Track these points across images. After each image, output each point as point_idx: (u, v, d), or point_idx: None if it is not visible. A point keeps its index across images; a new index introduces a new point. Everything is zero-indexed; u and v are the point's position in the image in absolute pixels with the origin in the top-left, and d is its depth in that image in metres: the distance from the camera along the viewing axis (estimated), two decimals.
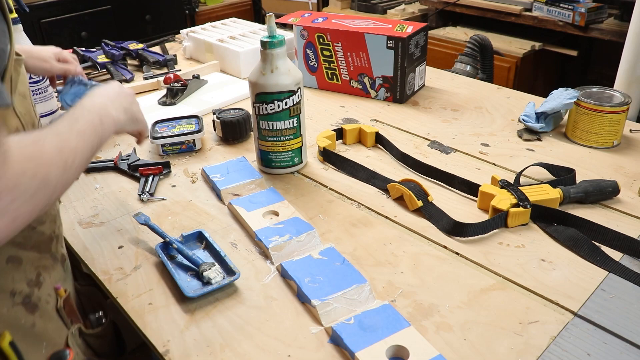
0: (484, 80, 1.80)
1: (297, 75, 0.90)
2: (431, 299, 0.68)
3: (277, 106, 0.90)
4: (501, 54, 2.41)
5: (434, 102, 1.26)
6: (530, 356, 0.59)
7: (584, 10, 2.20)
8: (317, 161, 1.02)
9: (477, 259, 0.75)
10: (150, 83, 1.37)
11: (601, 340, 0.61)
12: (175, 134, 1.05)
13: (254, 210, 0.84)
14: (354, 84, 1.29)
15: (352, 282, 0.68)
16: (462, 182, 0.90)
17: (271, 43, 0.87)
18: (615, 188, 0.86)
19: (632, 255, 0.75)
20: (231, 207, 0.87)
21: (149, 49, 1.58)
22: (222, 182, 0.92)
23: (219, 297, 0.70)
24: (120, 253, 0.78)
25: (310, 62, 1.32)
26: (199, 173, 0.99)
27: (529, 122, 1.08)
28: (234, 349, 0.62)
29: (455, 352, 0.60)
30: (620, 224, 0.81)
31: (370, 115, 1.21)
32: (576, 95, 1.04)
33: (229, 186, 0.91)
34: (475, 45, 1.89)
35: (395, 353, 0.60)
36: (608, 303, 0.66)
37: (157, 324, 0.66)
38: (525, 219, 0.81)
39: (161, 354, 0.62)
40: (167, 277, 0.73)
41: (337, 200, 0.90)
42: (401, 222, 0.83)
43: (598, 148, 1.03)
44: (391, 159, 1.02)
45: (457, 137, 1.09)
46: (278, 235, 0.78)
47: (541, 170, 0.94)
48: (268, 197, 0.88)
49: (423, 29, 1.25)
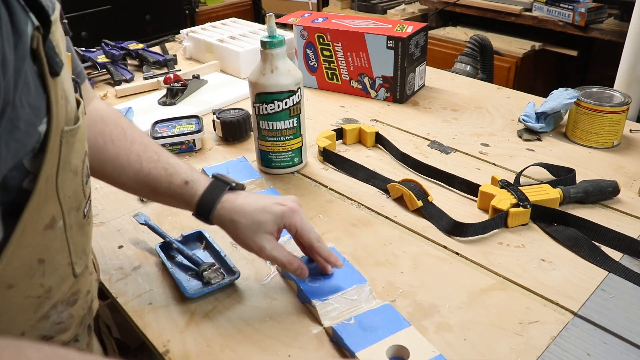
0: (484, 80, 1.80)
1: (297, 75, 0.90)
2: (431, 299, 0.68)
3: (277, 106, 0.90)
4: (501, 54, 2.41)
5: (434, 102, 1.26)
6: (530, 356, 0.59)
7: (584, 10, 2.20)
8: (317, 161, 1.02)
9: (477, 259, 0.75)
10: (150, 83, 1.37)
11: (601, 340, 0.61)
12: (175, 134, 1.05)
13: None
14: (354, 84, 1.29)
15: (352, 283, 0.68)
16: (462, 182, 0.90)
17: (271, 43, 0.87)
18: (615, 188, 0.86)
19: (632, 255, 0.75)
20: None
21: (149, 49, 1.58)
22: None
23: (219, 297, 0.70)
24: (120, 253, 0.78)
25: (310, 62, 1.32)
26: None
27: (529, 122, 1.08)
28: (234, 349, 0.62)
29: (455, 352, 0.60)
30: (620, 224, 0.81)
31: (370, 115, 1.21)
32: (576, 95, 1.04)
33: None
34: (475, 45, 1.89)
35: (396, 353, 0.60)
36: (608, 303, 0.66)
37: (157, 324, 0.66)
38: (525, 219, 0.81)
39: (161, 354, 0.62)
40: (167, 277, 0.73)
41: (337, 200, 0.90)
42: (401, 222, 0.83)
43: (598, 148, 1.03)
44: (391, 159, 1.02)
45: (457, 137, 1.09)
46: None
47: (541, 170, 0.94)
48: None
49: (423, 29, 1.25)
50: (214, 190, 0.65)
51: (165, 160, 0.68)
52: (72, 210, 0.48)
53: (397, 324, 0.62)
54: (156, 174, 0.67)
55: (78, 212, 0.50)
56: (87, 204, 0.53)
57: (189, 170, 0.68)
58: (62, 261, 0.48)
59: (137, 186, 0.69)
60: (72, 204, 0.48)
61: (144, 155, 0.68)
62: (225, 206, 0.64)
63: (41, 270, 0.46)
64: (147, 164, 0.67)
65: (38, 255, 0.45)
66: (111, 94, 1.36)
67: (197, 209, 0.66)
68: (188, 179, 0.66)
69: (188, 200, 0.66)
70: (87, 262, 0.55)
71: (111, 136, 0.68)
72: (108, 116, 0.70)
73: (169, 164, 0.67)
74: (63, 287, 0.49)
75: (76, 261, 0.51)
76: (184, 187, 0.66)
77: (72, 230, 0.49)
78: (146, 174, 0.67)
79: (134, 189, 0.71)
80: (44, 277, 0.46)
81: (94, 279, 0.60)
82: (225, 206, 0.64)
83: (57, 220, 0.46)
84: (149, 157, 0.67)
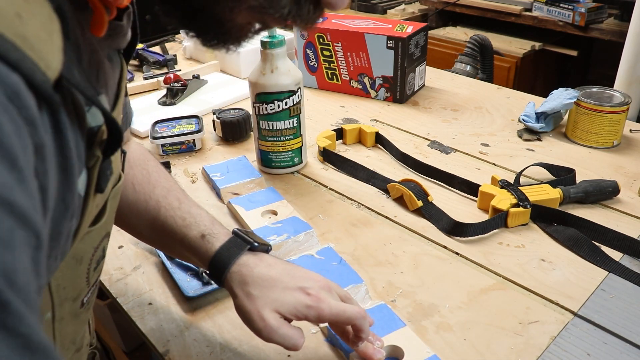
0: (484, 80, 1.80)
1: (297, 75, 0.90)
2: (431, 299, 0.68)
3: (277, 106, 0.90)
4: (501, 54, 2.41)
5: (434, 102, 1.26)
6: (530, 356, 0.59)
7: (584, 10, 2.20)
8: (317, 161, 1.02)
9: (477, 259, 0.75)
10: (150, 83, 1.37)
11: (601, 340, 0.61)
12: (175, 134, 1.05)
13: (253, 210, 0.84)
14: (354, 84, 1.29)
15: (348, 282, 0.68)
16: (462, 182, 0.90)
17: (271, 43, 0.87)
18: (615, 188, 0.86)
19: (632, 255, 0.75)
20: (230, 206, 0.87)
21: (149, 49, 1.58)
22: (221, 181, 0.92)
23: (219, 297, 0.70)
24: (120, 253, 0.78)
25: (310, 62, 1.32)
26: (199, 173, 0.99)
27: (529, 122, 1.08)
28: (234, 349, 0.62)
29: (455, 352, 0.60)
30: (620, 224, 0.81)
31: (370, 115, 1.21)
32: (576, 95, 1.04)
33: (228, 185, 0.91)
34: (475, 45, 1.89)
35: (390, 353, 0.60)
36: (608, 303, 0.66)
37: (157, 324, 0.66)
38: (525, 219, 0.81)
39: (161, 354, 0.62)
40: (167, 277, 0.73)
41: (337, 200, 0.90)
42: (401, 222, 0.83)
43: (598, 148, 1.03)
44: (391, 159, 1.02)
45: (457, 137, 1.09)
46: (276, 234, 0.77)
47: (541, 170, 0.94)
48: (267, 196, 0.88)
49: (423, 29, 1.25)
50: (231, 248, 0.56)
51: (187, 210, 0.60)
52: (67, 301, 0.42)
53: (392, 324, 0.62)
54: (172, 223, 0.59)
55: (75, 302, 0.43)
56: (89, 292, 0.45)
57: (209, 223, 0.59)
58: None
59: (154, 236, 0.62)
60: (68, 295, 0.41)
61: (164, 201, 0.61)
62: (242, 272, 0.55)
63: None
64: (166, 211, 0.60)
65: None
66: None
67: (210, 267, 0.57)
68: (206, 232, 0.58)
69: (202, 257, 0.57)
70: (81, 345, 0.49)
71: (133, 180, 0.62)
72: (135, 159, 0.64)
73: (190, 213, 0.60)
74: None
75: (63, 353, 0.45)
76: (199, 240, 0.58)
77: (63, 322, 0.42)
78: (162, 222, 0.60)
79: (151, 239, 0.65)
80: None
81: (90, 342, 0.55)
82: (242, 272, 0.55)
83: (45, 312, 0.40)
84: (169, 204, 0.61)
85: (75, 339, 0.47)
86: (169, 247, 0.64)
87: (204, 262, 0.57)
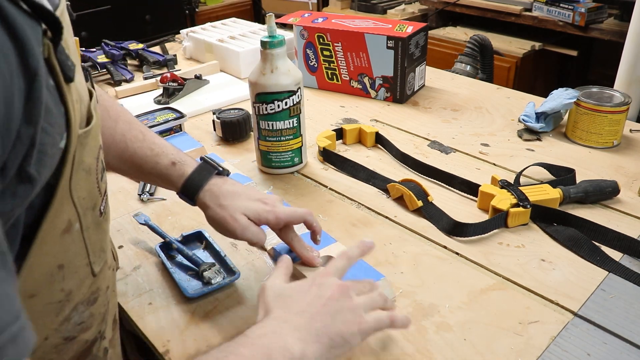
0: (484, 80, 1.80)
1: (297, 75, 0.90)
2: (431, 299, 0.68)
3: (277, 106, 0.90)
4: (501, 54, 2.41)
5: (434, 102, 1.26)
6: (530, 356, 0.59)
7: (584, 10, 2.20)
8: (317, 161, 1.02)
9: (477, 259, 0.75)
10: (150, 83, 1.37)
11: (601, 340, 0.61)
12: (160, 122, 1.07)
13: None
14: (354, 84, 1.29)
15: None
16: (462, 182, 0.90)
17: (271, 43, 0.87)
18: (615, 188, 0.86)
19: (632, 255, 0.75)
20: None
21: (149, 49, 1.58)
22: None
23: (219, 297, 0.70)
24: (120, 253, 0.78)
25: (310, 62, 1.32)
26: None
27: (529, 122, 1.08)
28: None
29: (455, 352, 0.60)
30: (620, 224, 0.81)
31: (370, 115, 1.21)
32: (576, 95, 1.04)
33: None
34: (475, 45, 1.89)
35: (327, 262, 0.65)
36: (608, 303, 0.66)
37: (157, 324, 0.66)
38: (525, 219, 0.81)
39: (161, 354, 0.62)
40: (167, 277, 0.73)
41: (337, 200, 0.90)
42: (401, 222, 0.83)
43: (598, 148, 1.03)
44: (391, 159, 1.02)
45: (457, 137, 1.09)
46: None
47: (541, 170, 0.94)
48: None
49: (423, 29, 1.25)
50: (202, 172, 0.68)
51: (151, 140, 0.69)
52: (88, 210, 0.46)
53: (325, 241, 0.67)
54: (142, 154, 0.68)
55: (94, 211, 0.47)
56: (103, 201, 0.50)
57: (175, 151, 0.69)
58: (80, 263, 0.47)
59: (123, 166, 0.69)
60: (88, 204, 0.45)
61: (128, 134, 0.68)
62: (213, 189, 0.67)
63: (61, 276, 0.45)
64: (132, 143, 0.68)
65: (57, 262, 0.44)
66: (111, 94, 1.35)
67: (183, 189, 0.68)
68: (175, 160, 0.68)
69: (175, 181, 0.68)
70: (105, 258, 0.53)
71: None
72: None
73: (155, 144, 0.69)
74: (83, 288, 0.48)
75: (94, 260, 0.49)
76: (171, 168, 0.68)
77: (89, 231, 0.47)
78: (131, 153, 0.68)
79: (120, 169, 0.71)
80: (64, 282, 0.45)
81: (113, 272, 0.58)
82: (213, 189, 0.67)
83: (74, 223, 0.44)
84: (134, 137, 0.68)
85: (104, 248, 0.52)
86: (138, 175, 0.72)
87: (176, 185, 0.68)
